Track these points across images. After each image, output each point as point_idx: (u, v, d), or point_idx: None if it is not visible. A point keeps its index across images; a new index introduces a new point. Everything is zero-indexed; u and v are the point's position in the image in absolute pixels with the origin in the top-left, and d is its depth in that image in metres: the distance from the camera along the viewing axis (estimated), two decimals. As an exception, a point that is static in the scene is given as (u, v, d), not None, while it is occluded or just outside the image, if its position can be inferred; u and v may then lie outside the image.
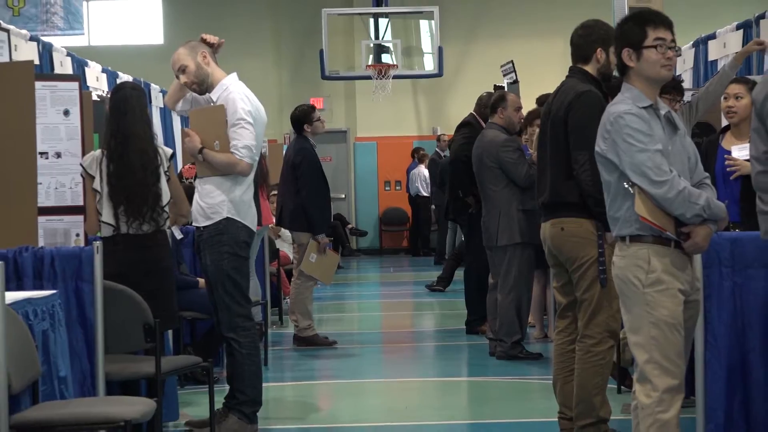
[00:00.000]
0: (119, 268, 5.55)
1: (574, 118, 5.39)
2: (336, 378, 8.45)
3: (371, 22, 19.45)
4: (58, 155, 5.87)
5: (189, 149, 5.99)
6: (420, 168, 19.82)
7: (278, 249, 11.35)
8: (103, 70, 11.46)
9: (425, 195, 19.66)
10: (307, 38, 20.42)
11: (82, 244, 5.80)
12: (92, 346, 5.11)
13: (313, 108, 9.80)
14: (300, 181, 9.38)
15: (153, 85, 13.37)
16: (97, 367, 5.09)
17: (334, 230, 16.67)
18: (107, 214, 5.77)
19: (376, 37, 19.25)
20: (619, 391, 6.68)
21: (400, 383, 8.28)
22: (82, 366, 5.11)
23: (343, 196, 21.11)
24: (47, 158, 5.83)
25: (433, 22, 19.07)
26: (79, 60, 10.57)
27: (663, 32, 4.32)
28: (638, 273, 4.26)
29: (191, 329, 7.66)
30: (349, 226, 20.46)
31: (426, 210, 19.76)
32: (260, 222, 7.66)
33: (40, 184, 5.71)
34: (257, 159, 6.05)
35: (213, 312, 6.10)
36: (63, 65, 9.89)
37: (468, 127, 9.58)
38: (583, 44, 5.58)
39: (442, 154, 18.04)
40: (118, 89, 6.05)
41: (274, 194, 10.68)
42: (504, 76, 15.08)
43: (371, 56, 18.95)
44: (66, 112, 5.88)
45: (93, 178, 5.79)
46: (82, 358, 5.12)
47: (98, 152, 5.85)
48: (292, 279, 10.08)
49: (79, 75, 9.70)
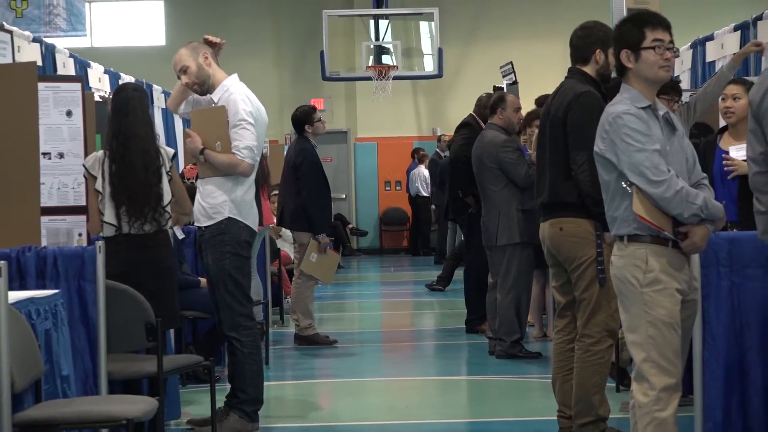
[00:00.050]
0: (121, 267, 5.57)
1: (572, 118, 5.41)
2: (336, 377, 8.47)
3: (371, 23, 19.44)
4: (61, 156, 5.90)
5: (190, 150, 6.01)
6: (420, 168, 19.83)
7: (279, 249, 11.37)
8: (106, 71, 11.46)
9: (425, 195, 19.66)
10: (308, 39, 20.43)
11: (84, 243, 5.83)
12: (94, 345, 5.12)
13: (313, 109, 9.82)
14: (301, 182, 9.40)
15: (155, 86, 13.37)
16: (99, 366, 5.10)
17: (334, 230, 16.67)
18: (109, 215, 5.79)
19: (377, 38, 19.24)
20: (618, 389, 6.70)
21: (400, 382, 8.29)
22: (85, 365, 5.11)
23: (344, 196, 21.11)
24: (50, 159, 5.86)
25: (433, 23, 19.07)
26: (82, 61, 10.58)
27: (661, 33, 4.33)
28: (636, 272, 4.28)
29: (193, 328, 7.67)
30: (350, 226, 20.47)
31: (426, 210, 19.76)
32: (261, 222, 7.68)
33: (43, 184, 5.73)
34: (258, 159, 6.08)
35: (214, 311, 6.13)
36: (66, 66, 9.89)
37: (468, 128, 9.60)
38: (582, 45, 5.60)
39: (442, 154, 18.02)
40: (120, 90, 6.07)
41: (275, 194, 10.70)
42: (503, 77, 15.05)
43: (371, 57, 18.94)
44: (69, 113, 5.91)
45: (95, 178, 5.82)
46: (85, 357, 5.12)
47: (100, 153, 5.88)
48: (293, 278, 10.10)
49: (81, 76, 9.70)
